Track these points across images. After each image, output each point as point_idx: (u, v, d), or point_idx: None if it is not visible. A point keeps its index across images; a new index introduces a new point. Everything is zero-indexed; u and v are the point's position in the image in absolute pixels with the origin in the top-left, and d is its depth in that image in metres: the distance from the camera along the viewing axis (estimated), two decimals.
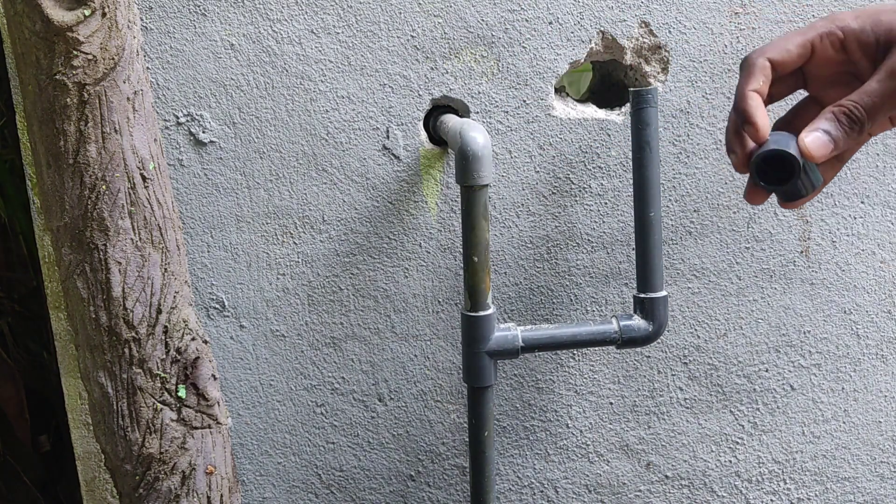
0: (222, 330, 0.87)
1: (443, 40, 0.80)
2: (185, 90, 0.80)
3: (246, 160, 0.82)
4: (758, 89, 0.62)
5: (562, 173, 0.84)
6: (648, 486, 0.94)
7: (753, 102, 0.62)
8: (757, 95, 0.62)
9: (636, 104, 0.77)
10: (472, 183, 0.73)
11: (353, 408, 0.90)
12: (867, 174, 0.87)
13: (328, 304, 0.86)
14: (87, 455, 0.88)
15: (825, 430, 0.94)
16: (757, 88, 0.62)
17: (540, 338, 0.79)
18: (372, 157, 0.83)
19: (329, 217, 0.84)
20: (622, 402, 0.91)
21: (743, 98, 0.62)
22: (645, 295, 0.80)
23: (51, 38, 0.70)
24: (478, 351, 0.77)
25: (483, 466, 0.82)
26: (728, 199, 0.86)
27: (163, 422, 0.79)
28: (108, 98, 0.73)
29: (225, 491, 0.85)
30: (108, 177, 0.74)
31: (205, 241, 0.84)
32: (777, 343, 0.91)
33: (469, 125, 0.73)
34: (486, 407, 0.80)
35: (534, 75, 0.82)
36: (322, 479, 0.92)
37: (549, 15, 0.80)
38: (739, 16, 0.82)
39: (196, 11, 0.79)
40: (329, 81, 0.81)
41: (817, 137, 0.59)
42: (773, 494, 0.95)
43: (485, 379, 0.78)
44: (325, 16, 0.79)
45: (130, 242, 0.76)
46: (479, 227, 0.74)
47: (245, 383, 0.88)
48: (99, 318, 0.77)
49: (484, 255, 0.75)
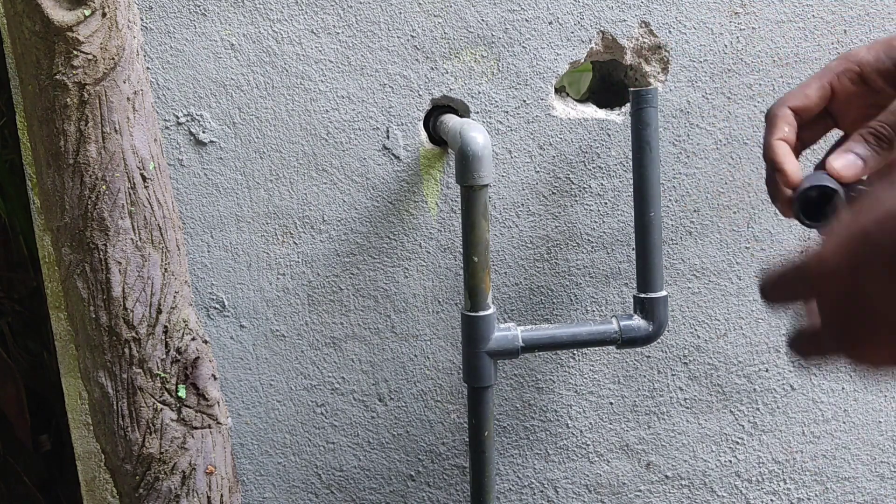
0: (222, 330, 0.87)
1: (443, 40, 0.80)
2: (185, 90, 0.80)
3: (246, 160, 0.82)
4: (784, 138, 0.64)
5: (562, 173, 0.84)
6: (648, 486, 0.94)
7: (781, 151, 0.63)
8: (783, 143, 0.63)
9: (636, 104, 0.77)
10: (472, 183, 0.73)
11: (353, 408, 0.90)
12: None
13: (328, 304, 0.86)
14: (87, 455, 0.88)
15: (825, 430, 0.94)
16: (783, 137, 0.64)
17: (540, 338, 0.80)
18: (372, 157, 0.83)
19: (329, 217, 0.84)
20: (622, 402, 0.91)
21: (770, 148, 0.64)
22: (645, 295, 0.80)
23: (51, 38, 0.70)
24: (478, 351, 0.77)
25: (483, 466, 0.82)
26: (728, 199, 0.86)
27: (163, 422, 0.79)
28: (108, 98, 0.73)
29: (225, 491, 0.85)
30: (108, 177, 0.74)
31: (205, 241, 0.84)
32: (777, 343, 0.91)
33: (469, 125, 0.73)
34: (486, 407, 0.80)
35: (534, 75, 0.82)
36: (322, 479, 0.92)
37: (549, 15, 0.80)
38: (739, 16, 0.82)
39: (196, 11, 0.79)
40: (329, 81, 0.81)
41: (846, 158, 0.61)
42: (773, 494, 0.95)
43: (485, 379, 0.78)
44: (325, 16, 0.79)
45: (130, 242, 0.76)
46: (479, 226, 0.74)
47: (245, 383, 0.88)
48: (99, 318, 0.77)
49: (484, 255, 0.75)
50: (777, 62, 0.83)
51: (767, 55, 0.83)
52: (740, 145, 0.85)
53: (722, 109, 0.84)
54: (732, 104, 0.84)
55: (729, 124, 0.84)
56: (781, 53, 0.83)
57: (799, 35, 0.82)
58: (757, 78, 0.83)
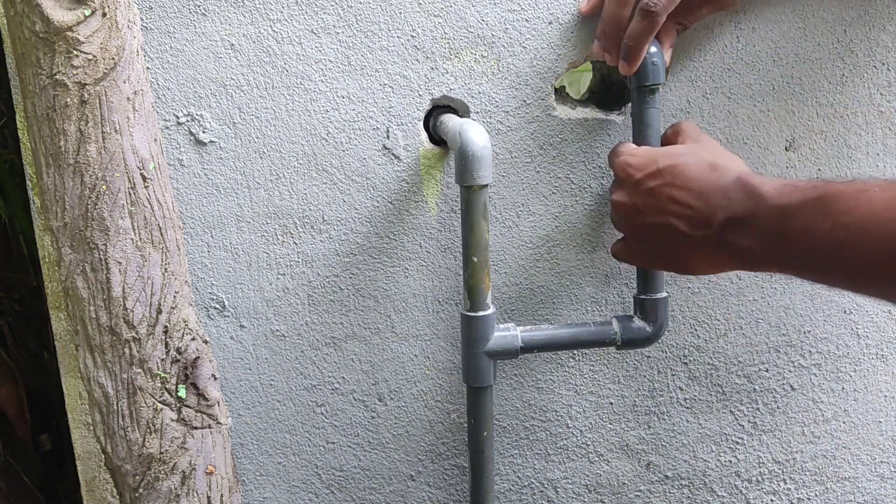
0: (222, 330, 0.87)
1: (443, 40, 0.80)
2: (185, 90, 0.80)
3: (246, 160, 0.82)
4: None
5: (562, 173, 0.84)
6: (648, 486, 0.94)
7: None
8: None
9: (638, 105, 0.77)
10: (472, 183, 0.73)
11: (353, 408, 0.90)
12: (867, 174, 0.87)
13: (328, 304, 0.86)
14: (87, 455, 0.88)
15: (825, 430, 0.94)
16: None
17: (539, 338, 0.79)
18: (372, 157, 0.83)
19: (329, 217, 0.84)
20: (622, 402, 0.91)
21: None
22: (646, 296, 0.80)
23: (51, 38, 0.70)
24: (477, 351, 0.77)
25: (482, 466, 0.82)
26: None
27: (163, 422, 0.79)
28: (108, 98, 0.73)
29: (225, 491, 0.85)
30: (108, 176, 0.74)
31: (205, 241, 0.84)
32: (777, 343, 0.91)
33: (469, 125, 0.73)
34: (486, 407, 0.80)
35: (534, 75, 0.82)
36: (322, 479, 0.92)
37: (549, 15, 0.80)
38: (739, 16, 0.82)
39: (196, 11, 0.79)
40: (329, 81, 0.81)
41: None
42: (773, 494, 0.95)
43: (484, 379, 0.78)
44: (325, 16, 0.79)
45: (130, 242, 0.76)
46: (478, 227, 0.74)
47: (245, 383, 0.88)
48: (99, 318, 0.77)
49: (483, 255, 0.75)
50: (777, 62, 0.83)
51: (767, 55, 0.83)
52: (740, 145, 0.85)
53: (722, 109, 0.84)
54: (732, 104, 0.84)
55: (729, 124, 0.84)
56: (781, 53, 0.83)
57: (799, 35, 0.82)
58: (757, 78, 0.83)
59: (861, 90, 0.84)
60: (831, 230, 0.56)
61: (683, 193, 0.68)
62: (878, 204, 0.54)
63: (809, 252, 0.59)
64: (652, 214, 0.70)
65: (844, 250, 0.56)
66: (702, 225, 0.67)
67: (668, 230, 0.70)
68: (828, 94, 0.84)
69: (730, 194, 0.65)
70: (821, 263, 0.59)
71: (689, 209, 0.68)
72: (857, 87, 0.84)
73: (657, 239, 0.71)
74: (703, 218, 0.67)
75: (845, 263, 0.57)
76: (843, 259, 0.57)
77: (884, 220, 0.53)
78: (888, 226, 0.53)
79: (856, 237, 0.55)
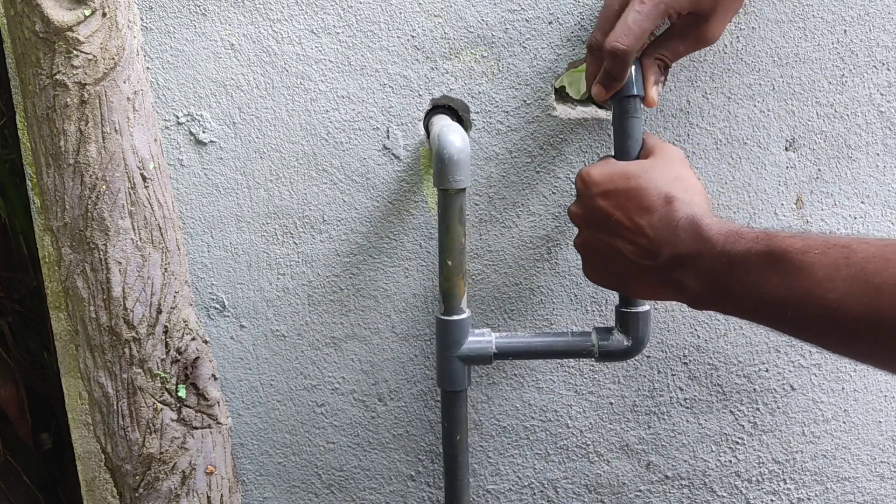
0: (222, 330, 0.87)
1: (443, 40, 0.80)
2: (185, 90, 0.80)
3: (246, 160, 0.82)
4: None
5: (562, 173, 0.84)
6: (648, 486, 0.94)
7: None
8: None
9: (616, 114, 0.75)
10: (448, 186, 0.72)
11: (353, 408, 0.90)
12: (867, 174, 0.87)
13: (328, 304, 0.86)
14: (87, 455, 0.88)
15: (825, 430, 0.94)
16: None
17: (514, 346, 0.78)
18: (372, 157, 0.83)
19: (329, 217, 0.84)
20: (622, 402, 0.91)
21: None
22: (625, 309, 0.78)
23: (51, 38, 0.70)
24: (450, 355, 0.77)
25: (456, 470, 0.81)
26: (728, 199, 0.86)
27: (163, 422, 0.79)
28: (108, 98, 0.73)
29: (225, 491, 0.85)
30: (108, 177, 0.74)
31: (205, 241, 0.84)
32: (777, 343, 0.91)
33: (448, 128, 0.72)
34: (459, 411, 0.79)
35: (534, 75, 0.82)
36: (322, 479, 0.92)
37: (549, 15, 0.80)
38: (739, 16, 0.82)
39: (196, 11, 0.79)
40: (329, 81, 0.81)
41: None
42: (773, 494, 0.95)
43: (457, 383, 0.78)
44: (325, 16, 0.79)
45: (130, 242, 0.76)
46: (454, 230, 0.74)
47: (245, 383, 0.88)
48: (99, 318, 0.77)
49: (458, 259, 0.74)
50: (777, 62, 0.83)
51: (767, 55, 0.83)
52: (740, 145, 0.85)
53: (722, 109, 0.84)
54: (732, 104, 0.84)
55: (729, 124, 0.84)
56: (781, 53, 0.83)
57: (799, 35, 0.82)
58: (757, 78, 0.83)
59: (861, 90, 0.84)
60: (775, 288, 0.58)
61: (634, 220, 0.67)
62: (819, 272, 0.56)
63: (757, 304, 0.60)
64: (601, 233, 0.70)
65: (789, 309, 0.58)
66: (648, 256, 0.67)
67: (614, 252, 0.69)
68: (828, 94, 0.84)
69: (678, 232, 0.65)
70: (768, 315, 0.61)
71: (638, 237, 0.67)
72: (857, 87, 0.84)
73: (605, 257, 0.71)
74: (651, 249, 0.66)
75: (790, 321, 0.59)
76: (788, 318, 0.59)
77: (824, 288, 0.55)
78: (830, 295, 0.55)
79: (800, 299, 0.57)
